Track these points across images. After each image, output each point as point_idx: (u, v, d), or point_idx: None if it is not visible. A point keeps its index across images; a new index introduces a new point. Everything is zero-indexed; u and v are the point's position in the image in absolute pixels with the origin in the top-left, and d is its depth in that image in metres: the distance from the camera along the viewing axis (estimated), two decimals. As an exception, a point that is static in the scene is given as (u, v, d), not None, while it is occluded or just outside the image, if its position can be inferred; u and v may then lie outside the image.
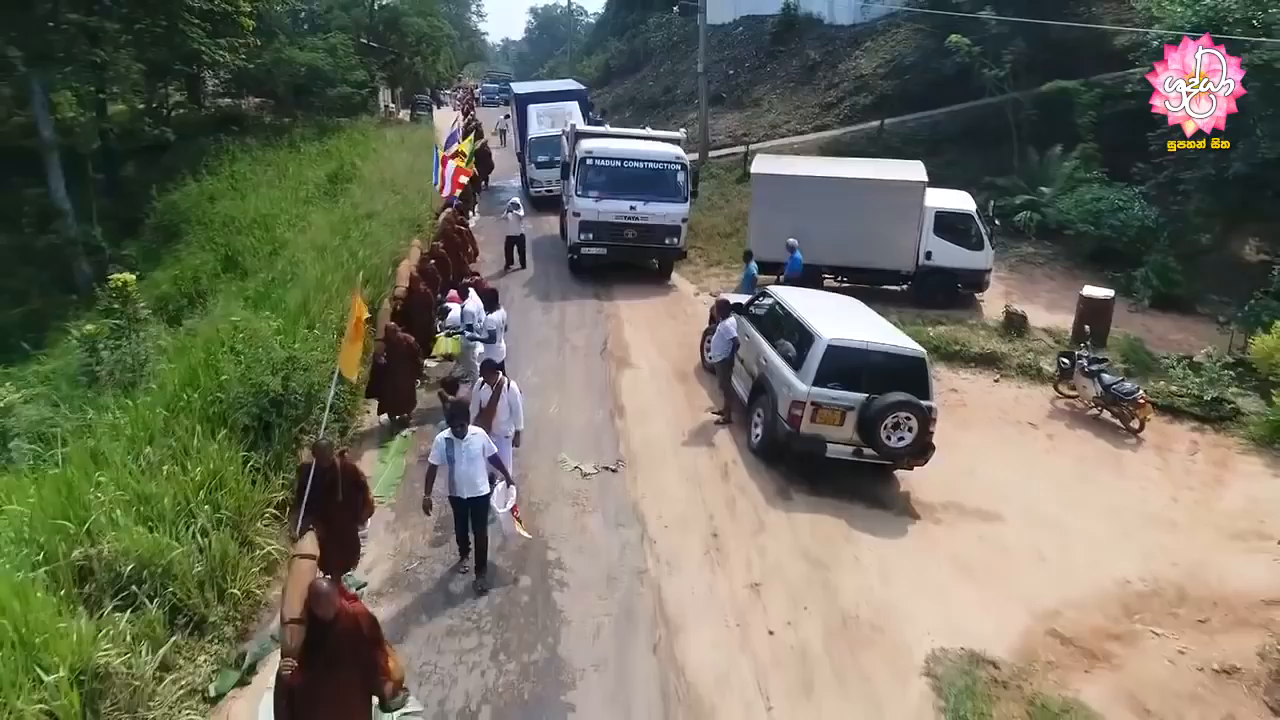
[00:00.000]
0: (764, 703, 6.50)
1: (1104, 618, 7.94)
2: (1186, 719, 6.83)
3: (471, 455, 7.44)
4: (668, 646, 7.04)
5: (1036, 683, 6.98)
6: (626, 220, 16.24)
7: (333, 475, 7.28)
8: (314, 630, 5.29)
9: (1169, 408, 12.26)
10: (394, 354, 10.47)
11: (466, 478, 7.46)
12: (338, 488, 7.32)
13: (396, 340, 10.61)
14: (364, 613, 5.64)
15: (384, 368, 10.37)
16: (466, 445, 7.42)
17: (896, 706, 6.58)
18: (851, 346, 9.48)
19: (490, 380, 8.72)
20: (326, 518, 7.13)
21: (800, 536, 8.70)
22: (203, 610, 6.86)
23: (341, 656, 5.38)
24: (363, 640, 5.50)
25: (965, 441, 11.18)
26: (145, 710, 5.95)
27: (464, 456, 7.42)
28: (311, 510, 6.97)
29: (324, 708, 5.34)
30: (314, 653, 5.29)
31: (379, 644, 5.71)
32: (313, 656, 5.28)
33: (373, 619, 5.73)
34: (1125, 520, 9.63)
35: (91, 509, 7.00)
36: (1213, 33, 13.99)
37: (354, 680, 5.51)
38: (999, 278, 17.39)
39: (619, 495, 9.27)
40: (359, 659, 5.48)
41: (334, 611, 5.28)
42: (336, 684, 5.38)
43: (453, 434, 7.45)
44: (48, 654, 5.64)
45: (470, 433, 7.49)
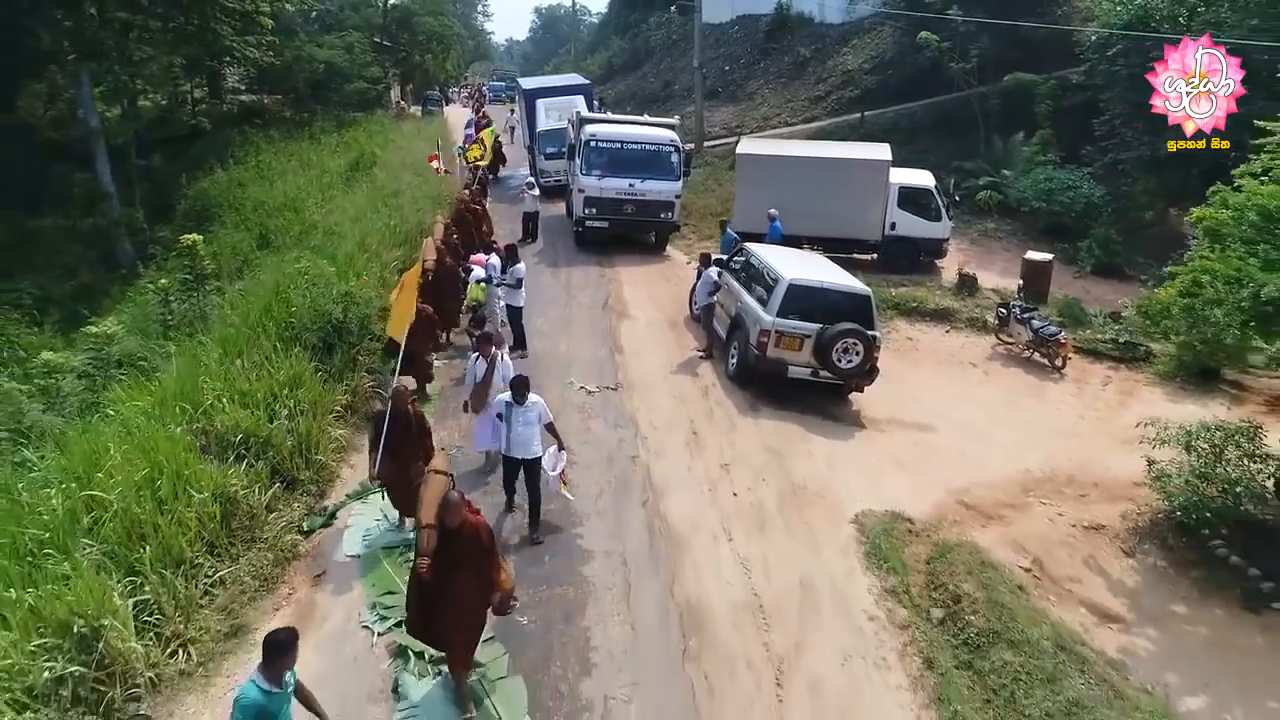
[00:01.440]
0: (726, 537, 8.49)
1: (1004, 494, 9.92)
2: (1056, 556, 8.82)
3: (528, 420, 8.04)
4: (654, 503, 9.02)
5: (942, 533, 8.96)
6: (626, 196, 18.22)
7: (405, 420, 7.96)
8: (442, 536, 5.91)
9: (1092, 351, 14.26)
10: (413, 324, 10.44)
11: (521, 440, 8.05)
12: (411, 431, 8.02)
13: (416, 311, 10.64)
14: (484, 525, 6.18)
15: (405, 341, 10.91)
16: (525, 411, 8.04)
17: (828, 542, 8.56)
18: (809, 285, 11.48)
19: (485, 353, 9.27)
20: (399, 459, 7.83)
21: (765, 436, 10.69)
22: (294, 473, 8.87)
23: (463, 561, 5.94)
24: (482, 548, 6.04)
25: (913, 377, 13.22)
26: (259, 530, 7.99)
27: (520, 420, 8.01)
28: (386, 451, 7.69)
29: (447, 604, 5.95)
30: (441, 555, 5.90)
31: (494, 554, 6.22)
32: (440, 558, 5.89)
33: (491, 532, 6.25)
34: (1037, 432, 11.62)
35: (203, 399, 9.01)
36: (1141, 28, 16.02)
37: (472, 583, 6.02)
38: (961, 248, 19.40)
39: (617, 407, 11.26)
40: (477, 564, 6.02)
41: (460, 521, 5.89)
42: (458, 584, 5.95)
43: (513, 399, 8.06)
44: (194, 482, 7.65)
45: (530, 400, 8.09)
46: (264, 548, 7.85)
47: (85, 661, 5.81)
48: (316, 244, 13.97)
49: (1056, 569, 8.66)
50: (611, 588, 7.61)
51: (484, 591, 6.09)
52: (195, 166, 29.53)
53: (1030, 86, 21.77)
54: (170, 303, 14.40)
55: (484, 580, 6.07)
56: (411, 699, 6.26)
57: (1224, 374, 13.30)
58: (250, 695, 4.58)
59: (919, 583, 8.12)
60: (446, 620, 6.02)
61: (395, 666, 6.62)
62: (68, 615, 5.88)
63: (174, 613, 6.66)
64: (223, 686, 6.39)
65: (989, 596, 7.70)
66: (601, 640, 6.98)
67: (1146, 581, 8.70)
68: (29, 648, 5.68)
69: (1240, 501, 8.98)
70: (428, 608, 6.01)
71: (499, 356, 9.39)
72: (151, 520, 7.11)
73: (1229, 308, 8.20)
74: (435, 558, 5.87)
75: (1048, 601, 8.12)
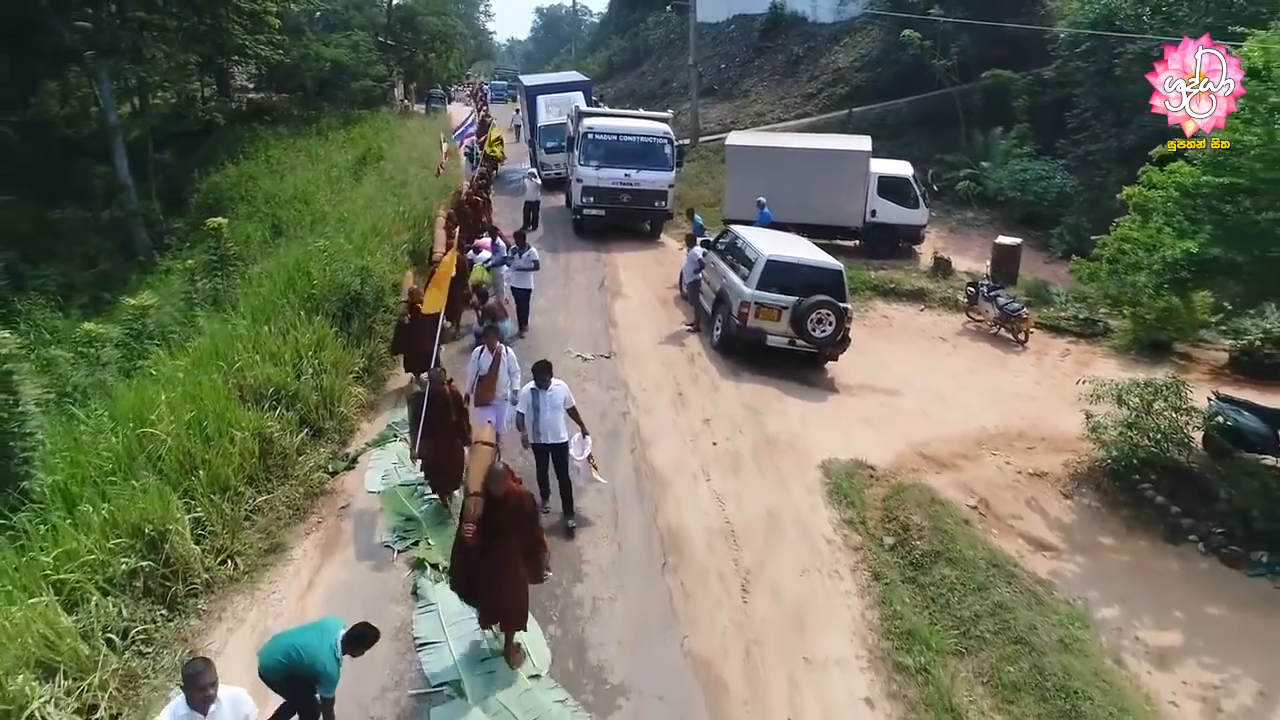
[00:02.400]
0: (704, 478, 9.53)
1: (960, 446, 10.95)
2: (1001, 497, 9.86)
3: (554, 404, 8.08)
4: (641, 451, 10.06)
5: (900, 478, 10.00)
6: (621, 186, 19.26)
7: (444, 401, 8.23)
8: (487, 504, 6.15)
9: (1054, 327, 15.31)
10: (415, 316, 10.73)
11: (550, 425, 8.09)
12: (450, 411, 8.29)
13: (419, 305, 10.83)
14: (527, 494, 6.46)
15: (406, 328, 10.81)
16: (550, 395, 8.07)
17: (796, 482, 9.60)
18: (786, 261, 12.53)
19: (490, 346, 9.14)
20: (437, 439, 8.16)
21: (744, 396, 11.74)
22: (320, 423, 9.92)
23: (507, 528, 6.19)
24: (525, 515, 6.33)
25: (886, 349, 14.29)
26: (291, 469, 9.04)
27: (548, 405, 8.05)
28: (426, 432, 8.04)
29: (491, 568, 6.22)
30: (487, 522, 6.14)
31: (536, 522, 6.54)
32: (485, 525, 6.13)
33: (533, 500, 6.60)
34: (996, 396, 12.66)
35: (236, 359, 10.06)
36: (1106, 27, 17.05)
37: (515, 549, 6.29)
38: (941, 235, 20.45)
39: (611, 372, 12.31)
40: (521, 531, 6.30)
41: (505, 490, 6.14)
42: (501, 550, 6.20)
43: (536, 385, 8.09)
44: (235, 424, 8.70)
45: (554, 384, 8.13)
46: (295, 483, 8.90)
47: (154, 559, 6.87)
48: (331, 229, 15.00)
49: (1000, 508, 9.69)
50: (601, 516, 8.66)
51: (527, 557, 6.37)
52: (206, 162, 30.51)
53: (1008, 83, 22.83)
54: (196, 281, 15.43)
55: (527, 546, 6.35)
56: (428, 599, 7.30)
57: (1174, 347, 14.31)
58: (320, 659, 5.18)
59: (875, 516, 9.16)
60: (490, 584, 6.29)
61: (413, 575, 7.66)
62: (139, 520, 6.94)
63: (222, 530, 7.70)
64: (266, 591, 7.44)
65: (935, 526, 8.74)
66: (592, 556, 8.03)
67: (1080, 519, 9.73)
68: (108, 546, 6.72)
69: (1167, 449, 10.02)
70: (472, 571, 6.29)
71: (504, 350, 9.34)
72: (200, 454, 8.16)
73: (1145, 271, 9.22)
74: (480, 524, 6.11)
75: (990, 534, 9.15)
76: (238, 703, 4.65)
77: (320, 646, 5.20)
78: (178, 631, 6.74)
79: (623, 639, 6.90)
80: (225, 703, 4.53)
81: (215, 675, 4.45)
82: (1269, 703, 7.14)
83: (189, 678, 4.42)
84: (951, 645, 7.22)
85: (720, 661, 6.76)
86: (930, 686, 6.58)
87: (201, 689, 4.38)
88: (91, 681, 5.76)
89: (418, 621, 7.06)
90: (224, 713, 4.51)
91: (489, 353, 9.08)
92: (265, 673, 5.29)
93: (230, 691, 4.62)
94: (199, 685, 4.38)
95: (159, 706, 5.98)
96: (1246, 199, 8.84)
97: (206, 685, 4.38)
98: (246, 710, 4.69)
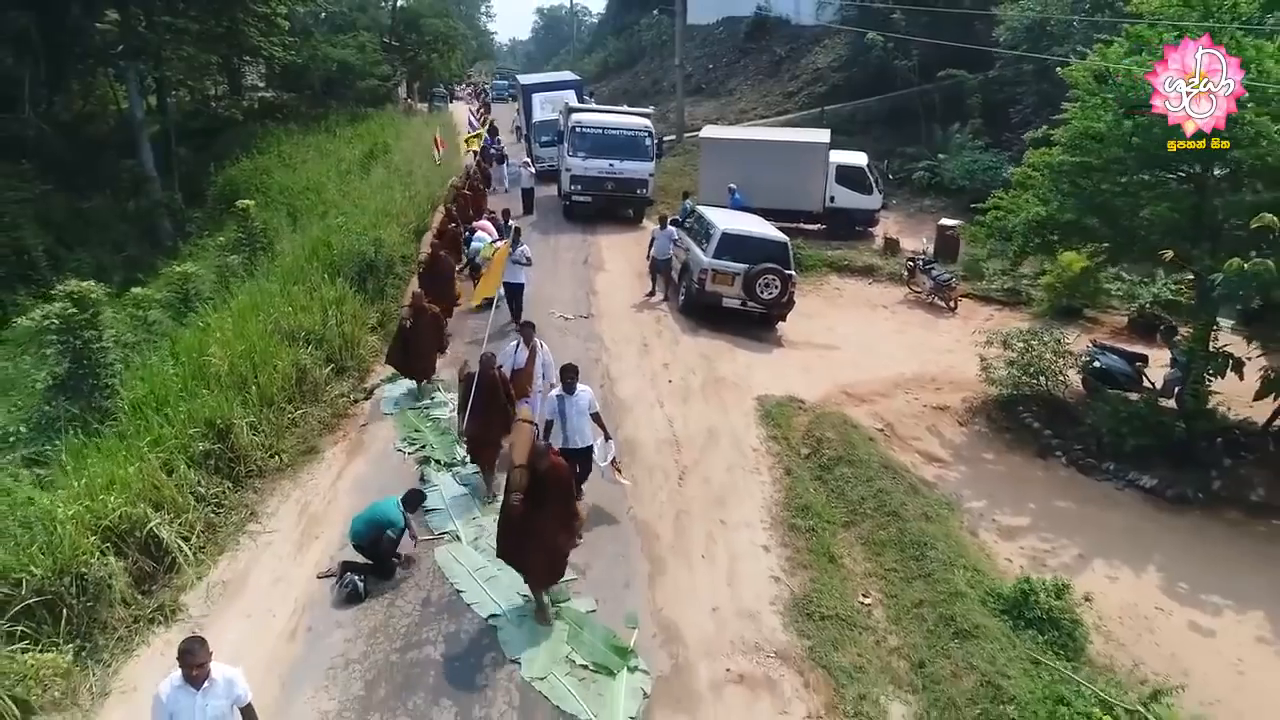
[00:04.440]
0: (659, 405, 11.59)
1: (879, 387, 13.00)
2: (905, 424, 11.91)
3: (580, 409, 8.14)
4: (609, 387, 12.11)
5: (823, 409, 12.05)
6: (606, 175, 21.32)
7: (492, 385, 8.65)
8: (531, 477, 6.61)
9: (984, 298, 17.34)
10: (418, 322, 11.10)
11: (577, 429, 8.17)
12: (498, 393, 8.70)
13: (422, 309, 11.26)
14: (564, 466, 6.94)
15: (408, 333, 11.09)
16: (576, 400, 8.12)
17: (735, 409, 11.65)
18: (738, 234, 14.60)
19: (525, 341, 9.45)
20: (484, 419, 8.59)
21: (700, 348, 13.81)
22: (343, 362, 12.00)
23: (548, 499, 6.69)
24: (563, 488, 6.81)
25: (832, 315, 16.36)
26: (320, 395, 11.12)
27: (574, 410, 8.11)
28: (474, 412, 8.53)
29: (532, 536, 6.72)
30: (530, 493, 6.63)
31: (573, 495, 7.08)
32: (529, 496, 6.63)
33: (569, 472, 7.11)
34: (920, 351, 14.72)
35: (272, 309, 12.12)
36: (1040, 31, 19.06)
37: (555, 519, 6.77)
38: (899, 220, 22.52)
39: (588, 328, 14.38)
40: (560, 502, 6.81)
41: (547, 465, 6.60)
42: (542, 519, 6.68)
43: (563, 390, 8.16)
44: (276, 355, 10.75)
45: (579, 388, 8.18)
46: (325, 405, 10.99)
47: (222, 446, 8.95)
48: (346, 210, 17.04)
49: (903, 431, 11.74)
50: (572, 430, 10.70)
51: (565, 527, 6.89)
52: (221, 157, 32.51)
53: (963, 82, 24.89)
54: (227, 257, 17.48)
55: (565, 516, 6.88)
56: (433, 482, 9.35)
57: (1084, 312, 16.34)
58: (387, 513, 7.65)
59: (796, 435, 11.21)
60: (530, 549, 6.79)
61: (420, 468, 9.71)
62: (210, 416, 9.01)
63: (270, 433, 9.78)
64: (305, 479, 9.51)
65: (843, 440, 10.79)
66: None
67: (969, 441, 11.79)
68: (188, 434, 8.78)
69: (1045, 386, 12.07)
70: (516, 539, 6.78)
71: (539, 345, 9.53)
72: (251, 377, 10.23)
73: (1016, 234, 11.30)
74: (525, 495, 6.61)
75: (891, 450, 11.20)
76: (232, 683, 4.67)
77: (389, 507, 7.74)
78: (241, 500, 8.83)
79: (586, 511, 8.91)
80: (220, 681, 4.61)
81: (208, 654, 4.55)
82: (1085, 561, 9.19)
83: (183, 654, 4.51)
84: (840, 519, 9.28)
85: (656, 523, 8.81)
86: (815, 540, 8.64)
87: (192, 666, 4.49)
88: (186, 519, 7.84)
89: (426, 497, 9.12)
90: (217, 689, 4.59)
91: (524, 347, 9.40)
92: (355, 538, 7.62)
93: (227, 671, 4.69)
94: (190, 662, 4.48)
95: (232, 548, 8.12)
96: (1097, 175, 10.89)
97: (196, 663, 4.49)
98: (239, 691, 4.70)
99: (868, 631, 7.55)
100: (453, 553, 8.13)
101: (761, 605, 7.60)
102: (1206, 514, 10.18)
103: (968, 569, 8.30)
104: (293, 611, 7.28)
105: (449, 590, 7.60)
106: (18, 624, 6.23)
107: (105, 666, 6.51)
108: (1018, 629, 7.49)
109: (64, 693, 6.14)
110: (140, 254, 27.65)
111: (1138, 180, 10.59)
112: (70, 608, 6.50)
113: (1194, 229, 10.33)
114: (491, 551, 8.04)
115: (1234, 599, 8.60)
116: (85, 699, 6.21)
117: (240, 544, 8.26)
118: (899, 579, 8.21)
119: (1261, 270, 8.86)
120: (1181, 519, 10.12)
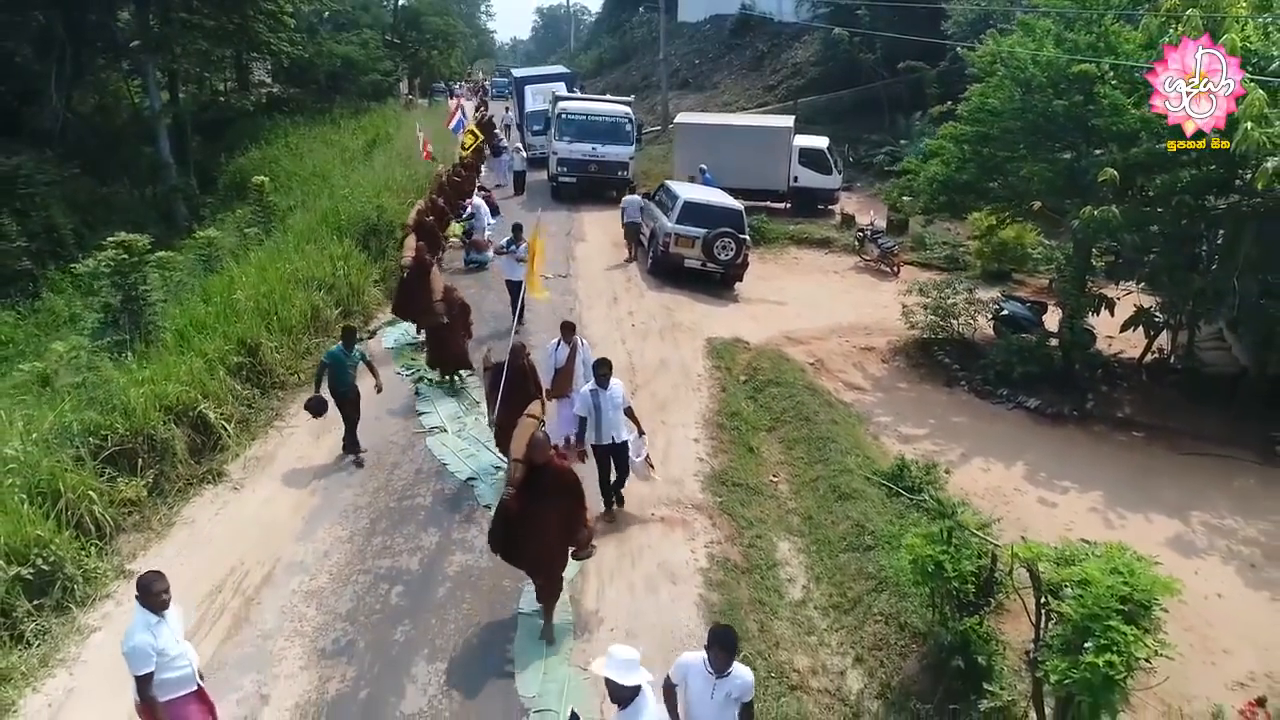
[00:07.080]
0: (622, 343, 13.49)
1: (817, 332, 14.92)
2: (834, 360, 13.82)
3: (615, 404, 8.04)
4: (581, 329, 13.97)
5: (764, 348, 13.95)
6: (590, 158, 23.23)
7: (522, 373, 8.54)
8: (530, 472, 6.40)
9: (927, 265, 19.24)
10: (451, 313, 11.43)
11: (612, 424, 8.05)
12: (527, 382, 8.54)
13: (453, 300, 11.58)
14: (569, 470, 6.69)
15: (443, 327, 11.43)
16: (610, 394, 8.03)
17: (687, 347, 13.55)
18: (698, 202, 16.52)
19: (566, 339, 9.28)
20: (512, 407, 8.12)
21: (663, 301, 15.73)
22: (350, 306, 13.92)
23: (546, 496, 6.36)
24: (566, 489, 6.48)
25: (788, 279, 18.27)
26: (332, 330, 13.00)
27: (609, 404, 8.01)
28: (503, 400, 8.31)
29: (529, 533, 6.40)
30: (526, 489, 6.38)
31: (580, 501, 6.63)
32: (525, 491, 6.38)
33: (578, 479, 6.71)
34: (860, 307, 16.63)
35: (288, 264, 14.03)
36: (981, 25, 20.94)
37: (554, 520, 6.43)
38: (861, 200, 24.42)
39: (567, 284, 16.29)
40: (560, 503, 6.44)
41: (546, 459, 6.38)
42: (540, 518, 6.36)
43: (597, 384, 8.05)
44: (293, 296, 12.67)
45: (613, 383, 8.09)
46: (334, 339, 12.86)
47: (251, 360, 10.87)
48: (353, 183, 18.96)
49: (831, 365, 13.66)
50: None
51: (567, 528, 6.54)
52: (231, 147, 34.50)
53: (921, 74, 26.79)
54: (244, 230, 19.41)
55: (567, 517, 6.52)
56: (426, 396, 11.28)
57: (1013, 276, 18.23)
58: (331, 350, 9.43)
59: (738, 368, 13.12)
60: (528, 547, 6.50)
61: (416, 385, 11.63)
62: (243, 335, 10.94)
63: (290, 354, 11.70)
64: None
65: (776, 368, 12.71)
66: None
67: (888, 374, 13.70)
68: (223, 349, 10.70)
69: (956, 329, 13.98)
70: (512, 533, 6.48)
71: (579, 342, 9.45)
72: (273, 311, 12.14)
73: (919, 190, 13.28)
74: (521, 489, 6.37)
75: (819, 379, 13.10)
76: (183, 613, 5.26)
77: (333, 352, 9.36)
78: (267, 403, 10.75)
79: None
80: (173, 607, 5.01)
81: (168, 583, 4.91)
82: (966, 459, 11.09)
83: (144, 585, 4.82)
84: (764, 425, 11.19)
85: (609, 423, 10.70)
86: (739, 436, 10.55)
87: (157, 594, 4.82)
88: (226, 409, 9.77)
89: (419, 405, 11.07)
90: (173, 612, 5.00)
91: (565, 345, 9.27)
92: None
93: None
94: (155, 591, 4.82)
95: (262, 436, 10.05)
96: (995, 142, 12.81)
97: (161, 590, 4.84)
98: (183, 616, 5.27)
99: (772, 500, 9.45)
100: (441, 440, 10.07)
101: (686, 476, 9.51)
102: (1078, 427, 12.10)
103: (860, 456, 10.20)
104: (313, 477, 9.21)
105: (438, 464, 9.53)
106: (107, 466, 8.15)
107: (169, 507, 8.43)
108: (893, 496, 9.39)
109: (141, 519, 8.08)
110: (159, 235, 29.57)
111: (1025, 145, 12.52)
112: (144, 459, 8.42)
113: (1069, 186, 12.23)
114: (471, 438, 10.00)
115: (1080, 484, 10.51)
116: (156, 525, 8.13)
117: (268, 434, 10.19)
118: (803, 464, 10.10)
119: (1109, 216, 10.75)
120: (1056, 430, 12.03)
